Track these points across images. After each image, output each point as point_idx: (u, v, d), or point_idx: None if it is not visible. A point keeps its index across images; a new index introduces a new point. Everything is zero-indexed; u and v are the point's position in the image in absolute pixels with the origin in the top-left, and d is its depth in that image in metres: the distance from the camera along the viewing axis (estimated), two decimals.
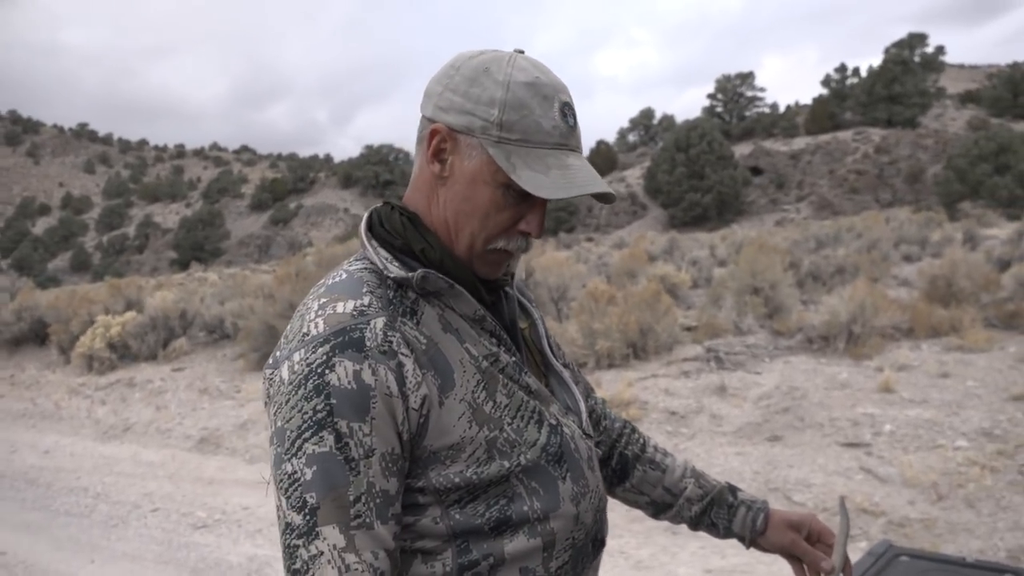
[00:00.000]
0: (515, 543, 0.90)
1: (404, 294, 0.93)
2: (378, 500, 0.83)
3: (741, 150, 56.43)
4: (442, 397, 0.88)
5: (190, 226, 77.67)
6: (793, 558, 1.23)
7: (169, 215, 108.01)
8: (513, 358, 0.97)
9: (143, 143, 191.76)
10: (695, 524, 1.27)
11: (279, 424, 0.85)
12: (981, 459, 4.63)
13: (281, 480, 0.83)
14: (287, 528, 0.82)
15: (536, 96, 0.91)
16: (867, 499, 4.34)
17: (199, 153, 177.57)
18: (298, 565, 0.81)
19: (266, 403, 0.90)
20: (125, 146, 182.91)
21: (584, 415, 1.06)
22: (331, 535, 0.80)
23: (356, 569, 0.80)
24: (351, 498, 0.81)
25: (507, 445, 0.91)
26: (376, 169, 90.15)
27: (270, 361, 0.91)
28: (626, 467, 1.26)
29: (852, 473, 4.72)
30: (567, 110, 0.94)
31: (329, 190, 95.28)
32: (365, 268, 0.95)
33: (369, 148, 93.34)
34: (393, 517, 0.85)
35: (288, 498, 0.82)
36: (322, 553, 0.80)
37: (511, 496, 0.90)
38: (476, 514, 0.89)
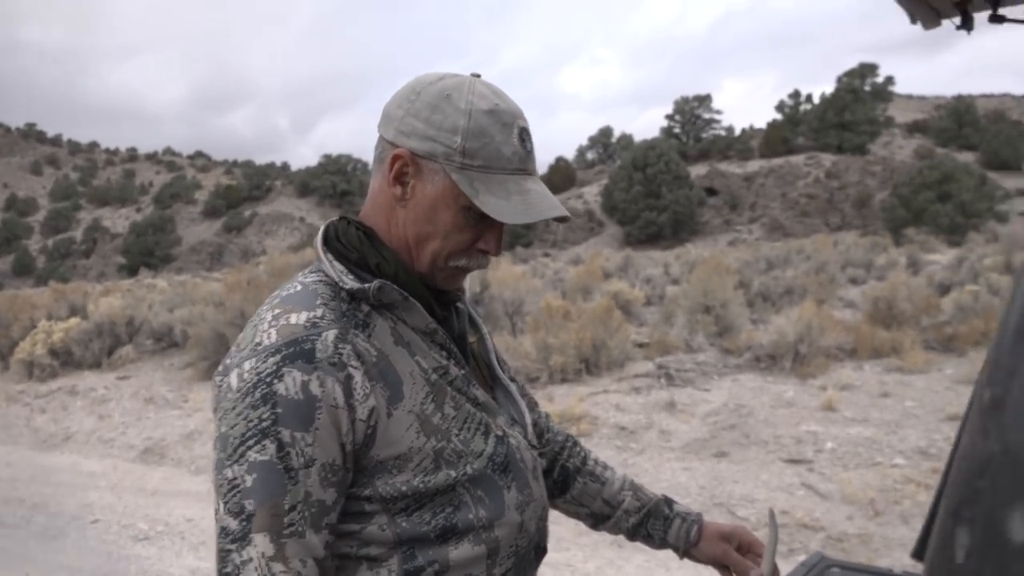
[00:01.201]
0: (460, 550, 0.93)
1: (357, 307, 0.95)
2: (313, 510, 0.85)
3: (697, 171, 57.40)
4: (390, 408, 0.90)
5: (140, 231, 75.86)
6: (724, 568, 1.27)
7: (119, 220, 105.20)
8: (462, 371, 1.00)
9: (94, 145, 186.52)
10: (632, 535, 1.31)
11: (223, 430, 0.87)
12: (917, 476, 4.79)
13: (221, 485, 0.85)
14: (223, 532, 0.85)
15: (496, 123, 0.95)
16: (807, 514, 4.45)
17: (151, 157, 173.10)
18: (228, 569, 0.83)
19: (215, 409, 0.92)
20: (75, 148, 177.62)
21: (529, 427, 1.10)
22: (261, 543, 0.83)
23: None
24: (286, 507, 0.84)
25: (454, 455, 0.93)
26: (334, 179, 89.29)
27: (220, 368, 0.92)
28: (567, 479, 1.30)
29: (794, 489, 4.84)
30: (524, 135, 0.98)
31: (285, 198, 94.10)
32: (320, 280, 0.97)
33: (327, 157, 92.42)
34: (327, 527, 0.87)
35: (226, 503, 0.84)
36: (251, 560, 0.83)
37: (457, 504, 0.93)
38: (422, 522, 0.91)
